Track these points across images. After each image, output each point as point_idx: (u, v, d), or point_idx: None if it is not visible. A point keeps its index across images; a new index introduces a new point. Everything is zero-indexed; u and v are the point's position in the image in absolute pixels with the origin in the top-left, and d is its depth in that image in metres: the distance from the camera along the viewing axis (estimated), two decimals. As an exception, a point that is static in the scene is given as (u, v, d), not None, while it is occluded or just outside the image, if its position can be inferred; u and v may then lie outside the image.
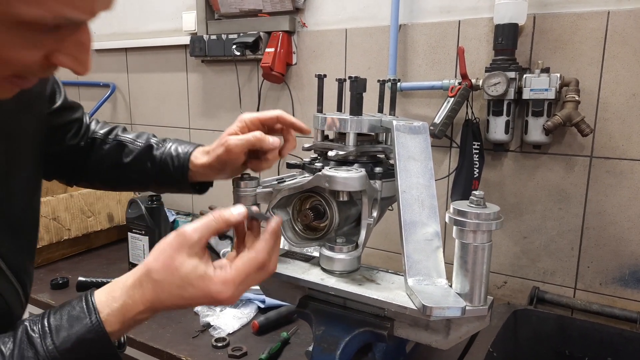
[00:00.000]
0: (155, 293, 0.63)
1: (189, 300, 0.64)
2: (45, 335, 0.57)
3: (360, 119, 0.93)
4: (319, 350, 0.84)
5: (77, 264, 1.76)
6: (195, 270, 0.64)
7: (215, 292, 0.64)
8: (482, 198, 0.74)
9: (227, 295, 0.64)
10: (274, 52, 1.78)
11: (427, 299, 0.72)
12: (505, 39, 1.35)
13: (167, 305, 0.65)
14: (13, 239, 0.76)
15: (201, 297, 0.64)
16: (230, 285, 0.65)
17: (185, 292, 0.63)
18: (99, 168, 1.02)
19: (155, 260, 0.64)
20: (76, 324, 0.58)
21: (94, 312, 0.59)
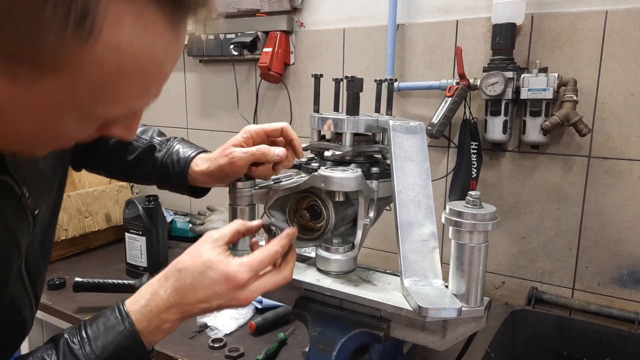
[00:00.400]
0: (178, 282, 0.68)
1: (209, 287, 0.68)
2: (84, 346, 0.62)
3: (356, 118, 0.93)
4: (315, 351, 0.84)
5: (74, 265, 1.76)
6: (217, 255, 0.70)
7: (232, 272, 0.68)
8: (478, 198, 0.74)
9: (244, 277, 0.68)
10: (271, 52, 1.78)
11: (423, 300, 0.72)
12: (503, 39, 1.35)
13: (190, 299, 0.67)
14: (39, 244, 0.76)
15: (220, 281, 0.68)
16: (247, 267, 0.69)
17: (205, 277, 0.68)
18: (104, 161, 1.03)
19: (183, 255, 0.72)
20: (112, 333, 0.63)
21: (127, 318, 0.65)
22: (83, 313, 1.39)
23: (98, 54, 0.44)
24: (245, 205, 0.92)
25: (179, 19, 0.48)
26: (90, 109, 0.49)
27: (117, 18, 0.43)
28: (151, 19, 0.46)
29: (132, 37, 0.45)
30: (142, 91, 0.51)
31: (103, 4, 0.42)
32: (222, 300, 0.69)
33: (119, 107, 0.51)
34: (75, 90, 0.46)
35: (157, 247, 1.61)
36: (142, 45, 0.46)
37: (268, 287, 0.72)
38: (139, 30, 0.45)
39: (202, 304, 0.68)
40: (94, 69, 0.45)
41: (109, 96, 0.49)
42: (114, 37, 0.44)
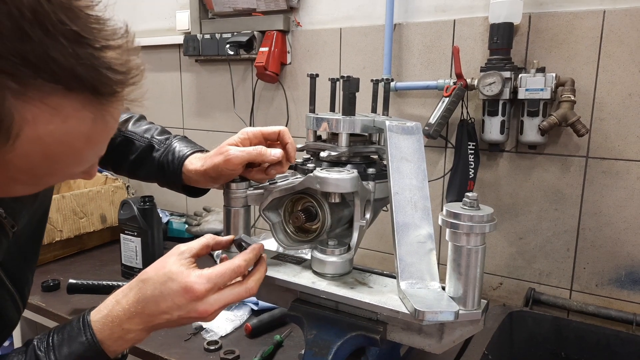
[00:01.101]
0: (140, 292, 0.68)
1: (169, 298, 0.68)
2: (49, 353, 0.64)
3: (352, 119, 0.92)
4: (311, 354, 0.83)
5: (69, 266, 1.74)
6: (179, 267, 0.70)
7: (190, 282, 0.68)
8: (476, 200, 0.73)
9: (201, 288, 0.68)
10: (268, 51, 1.77)
11: (420, 303, 0.71)
12: (500, 39, 1.34)
13: (151, 310, 0.67)
14: (16, 246, 0.76)
15: (178, 292, 0.68)
16: (204, 279, 0.69)
17: (165, 287, 0.68)
18: (110, 159, 1.04)
19: (150, 266, 0.72)
20: (74, 342, 0.64)
21: (89, 328, 0.65)
22: (77, 315, 1.37)
23: (22, 149, 0.47)
24: (239, 207, 0.91)
25: (99, 103, 0.49)
26: (31, 182, 0.54)
27: (33, 119, 0.46)
28: (70, 111, 0.47)
29: (52, 130, 0.47)
30: (76, 161, 0.54)
31: (16, 111, 0.44)
32: (182, 312, 0.68)
33: (58, 176, 0.55)
34: (12, 174, 0.50)
35: (153, 248, 1.60)
36: (64, 132, 0.48)
37: (229, 299, 0.71)
38: (58, 122, 0.47)
39: (164, 315, 0.68)
40: (21, 160, 0.48)
41: (44, 172, 0.52)
42: (33, 134, 0.46)
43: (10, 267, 0.76)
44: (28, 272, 0.84)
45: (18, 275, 0.79)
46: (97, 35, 0.47)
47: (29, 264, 0.84)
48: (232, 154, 0.85)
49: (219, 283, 0.70)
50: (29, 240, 0.82)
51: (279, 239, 0.91)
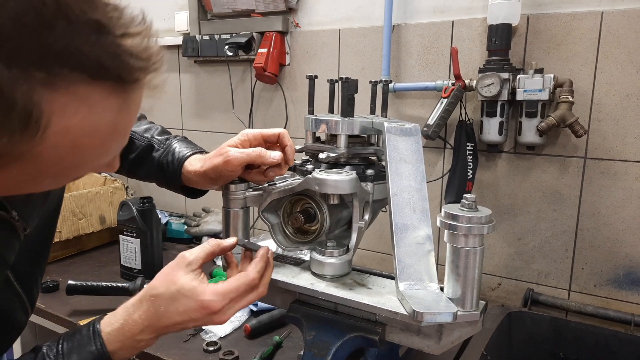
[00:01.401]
0: (153, 308, 0.71)
1: (185, 314, 0.70)
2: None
3: (351, 120, 0.92)
4: (310, 355, 0.83)
5: (68, 267, 1.74)
6: (190, 282, 0.71)
7: (207, 301, 0.70)
8: (474, 201, 0.73)
9: (218, 305, 0.70)
10: (266, 52, 1.77)
11: (418, 304, 0.71)
12: (498, 40, 1.34)
13: (165, 323, 0.70)
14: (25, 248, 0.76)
15: (195, 309, 0.70)
16: (221, 296, 0.71)
17: (180, 304, 0.70)
18: None
19: (156, 279, 0.73)
20: (83, 351, 0.66)
21: (99, 338, 0.67)
22: (76, 316, 1.38)
23: (50, 141, 0.47)
24: (238, 208, 0.91)
25: (123, 90, 0.50)
26: (60, 174, 0.55)
27: (61, 110, 0.46)
28: (96, 99, 0.48)
29: (80, 120, 0.48)
30: (102, 152, 0.55)
31: (45, 102, 0.45)
32: (197, 323, 0.72)
33: (85, 168, 0.56)
34: (41, 167, 0.50)
35: (152, 249, 1.60)
36: (91, 122, 0.49)
37: (243, 306, 0.75)
38: (85, 112, 0.48)
39: (178, 326, 0.72)
40: (50, 152, 0.49)
41: (72, 165, 0.53)
42: (62, 125, 0.47)
43: (19, 270, 0.76)
44: (37, 274, 0.84)
45: (27, 278, 0.80)
46: (117, 24, 0.47)
47: (39, 266, 0.84)
48: (231, 155, 0.85)
49: (235, 298, 0.73)
50: (39, 242, 0.82)
51: (278, 240, 0.92)
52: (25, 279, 0.79)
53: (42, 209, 0.80)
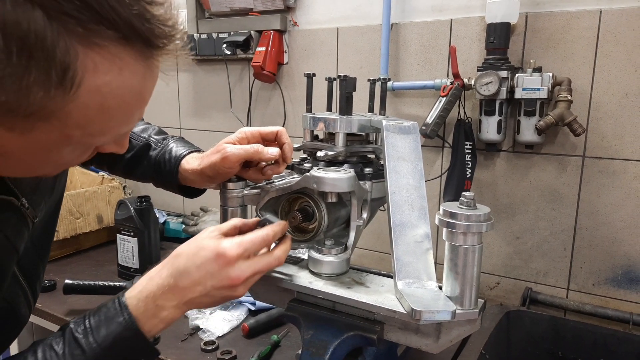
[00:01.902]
0: (173, 267, 0.70)
1: (202, 268, 0.69)
2: (87, 335, 0.64)
3: (349, 118, 0.91)
4: (308, 354, 0.83)
5: (65, 266, 1.74)
6: (210, 239, 0.72)
7: (221, 248, 0.70)
8: (473, 199, 0.73)
9: (232, 252, 0.69)
10: (265, 51, 1.77)
11: (417, 303, 0.71)
12: (497, 38, 1.34)
13: (184, 282, 0.69)
14: (30, 240, 0.77)
15: (211, 259, 0.69)
16: (236, 244, 0.70)
17: (198, 257, 0.70)
18: (107, 158, 1.04)
19: (181, 245, 0.74)
20: (112, 323, 0.65)
21: (126, 309, 0.66)
22: (73, 315, 1.36)
23: (81, 100, 0.49)
24: (236, 207, 0.90)
25: (150, 55, 0.53)
26: (82, 142, 0.55)
27: (95, 68, 0.48)
28: (125, 61, 0.50)
29: (110, 80, 0.50)
30: (126, 119, 0.57)
31: (80, 59, 0.47)
32: (214, 281, 0.69)
33: (108, 135, 0.57)
34: (67, 131, 0.52)
35: (149, 248, 1.60)
36: (120, 84, 0.51)
37: (259, 266, 0.72)
38: (115, 72, 0.50)
39: (197, 287, 0.69)
40: (79, 112, 0.50)
41: (97, 129, 0.54)
42: (93, 84, 0.49)
43: (24, 263, 0.77)
44: (40, 267, 0.84)
45: (31, 271, 0.80)
46: None
47: (42, 259, 0.85)
48: (229, 152, 0.85)
49: (250, 249, 0.72)
50: (43, 234, 0.83)
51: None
52: (29, 273, 0.79)
53: (49, 201, 0.80)
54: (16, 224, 0.70)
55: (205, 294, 0.70)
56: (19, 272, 0.76)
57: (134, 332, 0.66)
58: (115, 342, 0.64)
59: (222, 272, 0.69)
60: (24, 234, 0.72)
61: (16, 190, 0.68)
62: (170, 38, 0.52)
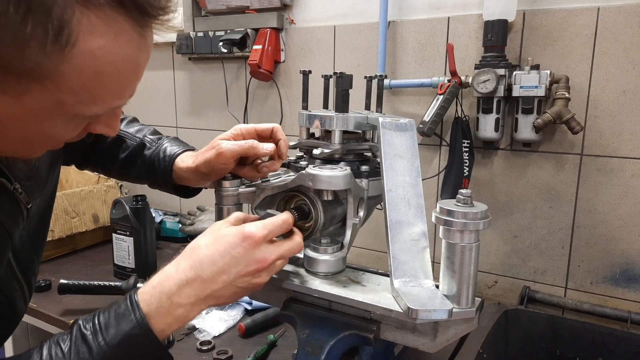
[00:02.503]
0: (192, 259, 0.67)
1: (226, 253, 0.66)
2: (96, 333, 0.61)
3: (346, 116, 0.91)
4: (304, 354, 0.82)
5: (60, 266, 1.72)
6: (223, 226, 0.71)
7: (247, 230, 0.68)
8: (469, 197, 0.72)
9: (259, 233, 0.68)
10: (261, 49, 1.76)
11: (413, 302, 0.70)
12: (494, 36, 1.33)
13: (206, 273, 0.65)
14: (25, 232, 0.77)
15: (236, 243, 0.67)
16: (260, 225, 0.69)
17: (221, 243, 0.67)
18: (102, 159, 1.05)
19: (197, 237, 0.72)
20: (122, 321, 0.62)
21: (138, 308, 0.63)
22: (68, 316, 1.36)
23: (75, 62, 0.49)
24: (231, 205, 0.90)
25: (144, 24, 0.53)
26: (75, 111, 0.54)
27: (90, 29, 0.48)
28: (120, 27, 0.51)
29: (105, 44, 0.50)
30: (120, 91, 0.56)
31: (77, 17, 0.47)
32: (240, 266, 0.66)
33: (101, 106, 0.56)
34: (59, 95, 0.51)
35: (145, 247, 1.58)
36: (114, 50, 0.51)
37: (283, 250, 0.71)
38: (110, 37, 0.50)
39: (222, 276, 0.66)
40: (73, 75, 0.50)
41: (90, 97, 0.53)
42: (88, 46, 0.49)
43: (21, 255, 0.76)
44: (36, 261, 0.84)
45: (28, 265, 0.79)
46: None
47: (37, 253, 0.84)
48: (224, 148, 0.84)
49: (273, 231, 0.70)
50: (39, 227, 0.82)
51: (272, 238, 0.90)
52: (26, 267, 0.79)
53: (43, 192, 0.80)
54: (10, 210, 0.69)
55: (228, 284, 0.66)
56: (16, 266, 0.76)
57: (144, 331, 0.62)
58: (124, 341, 0.61)
59: (248, 255, 0.67)
60: (18, 220, 0.71)
61: (9, 174, 0.67)
62: (165, 9, 0.53)
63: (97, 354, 0.60)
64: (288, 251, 0.72)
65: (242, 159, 0.89)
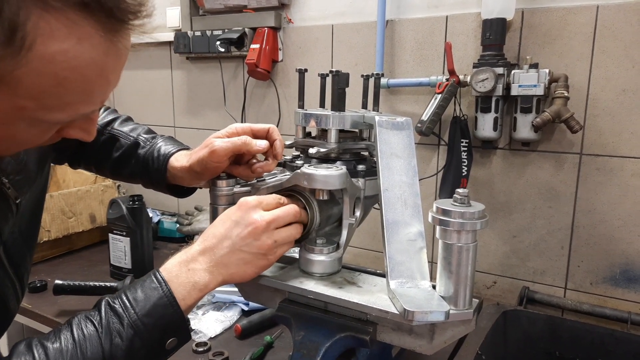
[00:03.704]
0: (202, 236, 0.74)
1: (227, 217, 0.74)
2: (126, 306, 0.65)
3: (342, 114, 0.90)
4: (299, 356, 0.81)
5: (57, 267, 1.71)
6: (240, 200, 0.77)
7: (243, 200, 0.76)
8: (467, 196, 0.71)
9: (254, 201, 0.75)
10: (259, 48, 1.75)
11: (409, 303, 0.69)
12: (493, 34, 1.32)
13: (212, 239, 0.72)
14: (17, 227, 0.76)
15: (234, 209, 0.75)
16: (254, 197, 0.77)
17: (224, 215, 0.75)
18: (94, 157, 1.04)
19: None
20: (151, 294, 0.67)
21: (164, 282, 0.68)
22: (64, 316, 1.35)
23: (33, 65, 0.46)
24: (226, 205, 0.88)
25: (113, 29, 0.50)
26: (38, 116, 0.52)
27: (49, 33, 0.46)
28: (85, 31, 0.48)
29: (66, 49, 0.47)
30: (86, 97, 0.54)
31: (33, 20, 0.44)
32: (239, 228, 0.72)
33: (66, 113, 0.54)
34: (18, 101, 0.49)
35: (142, 248, 1.57)
36: (77, 55, 0.49)
37: (277, 213, 0.75)
38: (73, 42, 0.48)
39: (225, 241, 0.72)
40: (31, 79, 0.47)
41: (53, 103, 0.51)
42: (47, 50, 0.46)
43: (12, 252, 0.75)
44: (28, 258, 0.83)
45: (19, 262, 0.79)
46: None
47: (29, 250, 0.83)
48: (217, 146, 0.84)
49: (266, 201, 0.76)
50: (30, 223, 0.81)
51: (267, 238, 0.89)
52: (17, 264, 0.78)
53: (34, 187, 0.79)
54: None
55: (232, 248, 0.71)
56: (8, 264, 0.75)
57: (170, 301, 0.67)
58: (152, 311, 0.65)
59: (244, 217, 0.73)
60: (7, 215, 0.70)
61: None
62: (137, 14, 0.50)
63: (128, 323, 0.64)
64: (282, 213, 0.76)
65: (237, 159, 0.88)
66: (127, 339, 0.63)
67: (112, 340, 0.63)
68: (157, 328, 0.66)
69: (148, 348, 0.65)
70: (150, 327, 0.65)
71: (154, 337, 0.66)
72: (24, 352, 0.60)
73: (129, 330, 0.64)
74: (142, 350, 0.64)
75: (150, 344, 0.65)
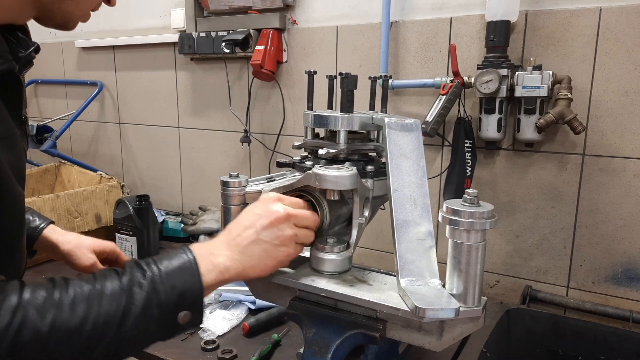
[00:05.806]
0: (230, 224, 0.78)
1: (250, 211, 0.78)
2: (149, 263, 0.68)
3: (351, 116, 0.91)
4: (310, 352, 0.82)
5: (63, 266, 1.70)
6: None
7: (264, 195, 0.81)
8: (476, 197, 0.73)
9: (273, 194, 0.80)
10: (264, 49, 1.76)
11: (420, 300, 0.71)
12: (497, 36, 1.34)
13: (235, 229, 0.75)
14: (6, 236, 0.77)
15: (256, 204, 0.79)
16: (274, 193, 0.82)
17: (247, 210, 0.79)
18: None
19: None
20: (175, 257, 0.69)
21: (190, 251, 0.71)
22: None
23: None
24: (237, 205, 0.90)
25: None
26: None
27: None
28: None
29: None
30: None
31: None
32: (263, 220, 0.75)
33: None
34: None
35: (148, 247, 1.59)
36: None
37: (296, 210, 0.78)
38: None
39: (248, 230, 0.75)
40: None
41: None
42: None
43: None
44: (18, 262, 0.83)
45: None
46: None
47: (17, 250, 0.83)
48: None
49: (285, 198, 0.79)
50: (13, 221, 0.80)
51: (278, 237, 0.90)
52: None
53: None
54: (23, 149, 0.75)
55: (255, 238, 0.74)
56: None
57: (193, 268, 0.69)
58: (173, 272, 0.67)
59: (266, 208, 0.76)
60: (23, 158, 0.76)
61: None
62: None
63: (149, 277, 0.65)
64: (303, 214, 0.79)
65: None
66: (145, 291, 0.64)
67: (132, 289, 0.64)
68: (175, 291, 0.66)
69: (162, 309, 0.65)
70: (169, 288, 0.65)
71: (170, 300, 0.65)
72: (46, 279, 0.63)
73: (149, 284, 0.65)
74: (156, 309, 0.64)
75: (166, 307, 0.65)
